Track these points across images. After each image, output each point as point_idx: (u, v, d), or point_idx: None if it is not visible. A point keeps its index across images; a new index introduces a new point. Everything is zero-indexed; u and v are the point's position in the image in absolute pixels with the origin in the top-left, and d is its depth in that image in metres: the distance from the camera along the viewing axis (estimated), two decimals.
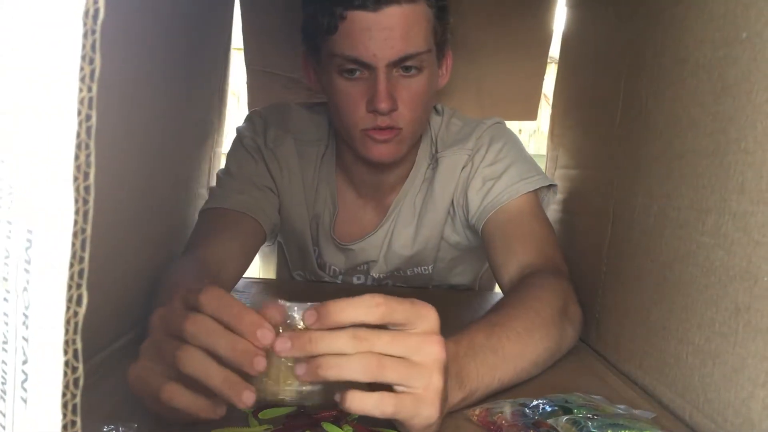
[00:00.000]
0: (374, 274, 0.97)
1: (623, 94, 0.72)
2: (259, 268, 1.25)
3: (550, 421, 0.48)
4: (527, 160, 0.88)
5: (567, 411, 0.50)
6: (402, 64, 0.77)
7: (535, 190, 0.84)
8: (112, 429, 0.44)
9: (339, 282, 0.99)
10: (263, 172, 0.90)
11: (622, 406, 0.53)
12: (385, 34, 0.74)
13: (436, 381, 0.43)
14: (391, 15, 0.74)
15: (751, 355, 0.43)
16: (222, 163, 0.93)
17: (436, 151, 0.91)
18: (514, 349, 0.56)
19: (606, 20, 0.84)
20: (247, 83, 1.23)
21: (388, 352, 0.42)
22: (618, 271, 0.68)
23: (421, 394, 0.43)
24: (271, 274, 1.15)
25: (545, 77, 1.22)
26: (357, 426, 0.47)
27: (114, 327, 0.65)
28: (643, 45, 0.68)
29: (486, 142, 0.89)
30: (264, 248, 1.05)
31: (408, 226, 0.93)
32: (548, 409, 0.50)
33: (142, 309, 0.72)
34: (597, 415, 0.48)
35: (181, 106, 0.81)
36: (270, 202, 0.89)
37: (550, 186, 0.87)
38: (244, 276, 0.84)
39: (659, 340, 0.56)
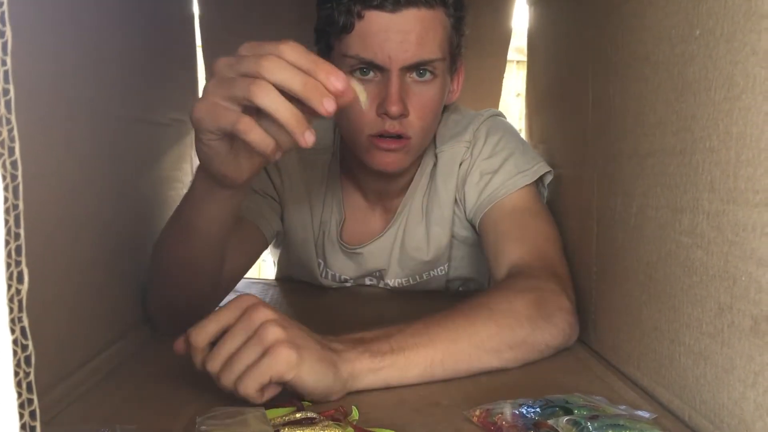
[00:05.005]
0: (389, 281, 0.96)
1: (592, 92, 0.72)
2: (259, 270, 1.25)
3: (550, 421, 0.48)
4: (525, 150, 0.88)
5: (567, 411, 0.50)
6: (416, 70, 0.77)
7: (535, 181, 0.84)
8: None
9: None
10: (264, 180, 0.91)
11: (622, 407, 0.53)
12: (401, 36, 0.74)
13: (269, 335, 0.50)
14: (409, 17, 0.74)
15: (738, 356, 0.43)
16: None
17: (436, 148, 0.91)
18: (443, 333, 0.60)
19: (567, 17, 0.84)
20: (207, 80, 1.21)
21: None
22: (608, 272, 0.68)
23: (262, 354, 0.50)
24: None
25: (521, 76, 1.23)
26: (357, 426, 0.48)
27: (107, 331, 0.66)
28: (605, 42, 0.67)
29: (483, 135, 0.88)
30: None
31: (418, 227, 0.92)
32: (548, 409, 0.50)
33: (134, 312, 0.73)
34: (597, 416, 0.48)
35: (152, 107, 0.82)
36: (271, 209, 0.90)
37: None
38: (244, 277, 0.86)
39: (653, 340, 0.56)
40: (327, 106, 0.47)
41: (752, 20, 0.41)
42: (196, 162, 1.02)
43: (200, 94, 0.52)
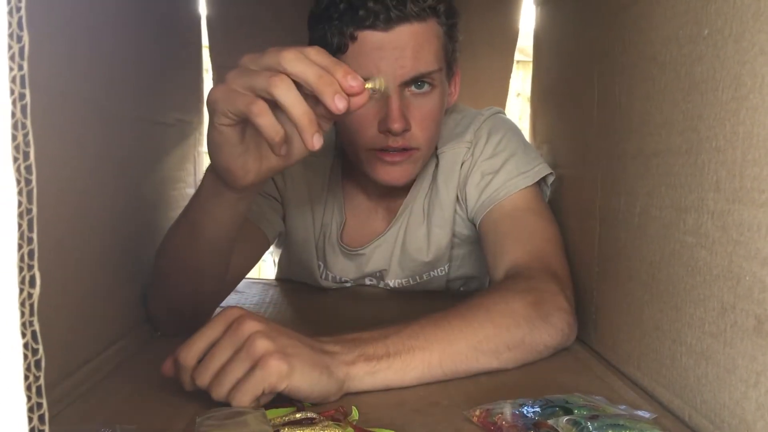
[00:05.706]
0: (390, 282, 0.96)
1: (597, 92, 0.72)
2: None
3: (550, 421, 0.48)
4: (527, 151, 0.87)
5: (567, 411, 0.50)
6: (414, 83, 0.77)
7: (536, 182, 0.84)
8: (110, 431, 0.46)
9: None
10: (267, 180, 0.90)
11: (622, 407, 0.53)
12: (396, 53, 0.74)
13: (258, 347, 0.49)
14: (402, 34, 0.74)
15: (740, 356, 0.43)
16: (206, 163, 0.93)
17: (437, 149, 0.90)
18: (440, 335, 0.59)
19: (574, 18, 0.84)
20: (214, 80, 1.22)
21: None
22: (610, 271, 0.68)
23: (252, 367, 0.49)
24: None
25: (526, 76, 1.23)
26: (357, 426, 0.48)
27: (107, 331, 0.66)
28: (612, 43, 0.67)
29: (485, 134, 0.88)
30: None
31: (419, 227, 0.92)
32: (548, 409, 0.50)
33: (135, 312, 0.73)
34: (597, 416, 0.48)
35: (156, 107, 0.82)
36: (273, 210, 0.90)
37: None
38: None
39: (654, 340, 0.56)
40: (338, 103, 0.47)
41: (761, 20, 0.41)
42: (200, 162, 1.03)
43: (205, 95, 0.52)
